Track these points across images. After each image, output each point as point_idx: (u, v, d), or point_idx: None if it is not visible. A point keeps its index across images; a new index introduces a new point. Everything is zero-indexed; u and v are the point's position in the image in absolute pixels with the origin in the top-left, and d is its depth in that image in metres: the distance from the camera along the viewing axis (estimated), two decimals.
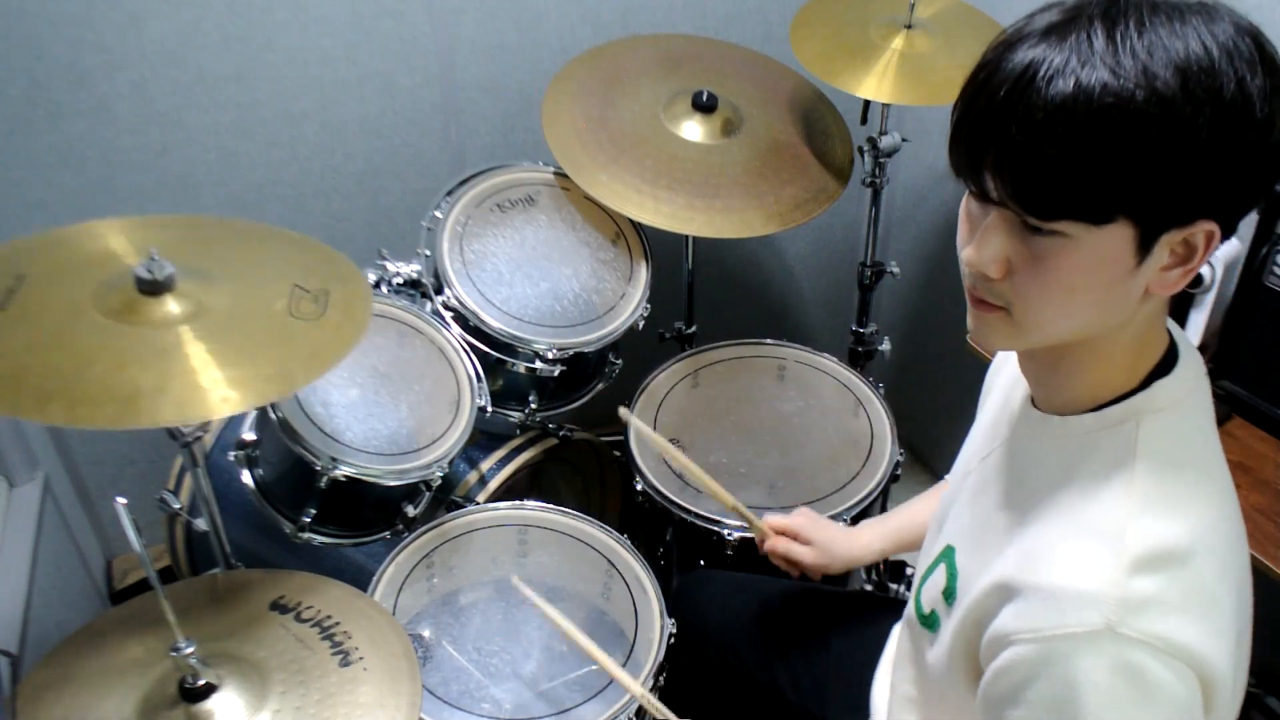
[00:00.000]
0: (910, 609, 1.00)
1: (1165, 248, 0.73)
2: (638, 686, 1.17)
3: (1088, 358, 0.81)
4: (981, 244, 0.76)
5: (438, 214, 1.62)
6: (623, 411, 1.42)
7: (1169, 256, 0.74)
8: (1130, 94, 0.66)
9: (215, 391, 1.02)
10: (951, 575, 0.91)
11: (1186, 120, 0.67)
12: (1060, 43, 0.69)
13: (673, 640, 1.33)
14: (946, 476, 1.28)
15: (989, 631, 0.80)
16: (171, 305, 1.08)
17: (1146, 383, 0.81)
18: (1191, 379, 0.83)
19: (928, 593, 0.95)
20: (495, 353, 1.57)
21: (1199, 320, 1.46)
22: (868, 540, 1.31)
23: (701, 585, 1.45)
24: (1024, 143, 0.69)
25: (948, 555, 0.93)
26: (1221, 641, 0.74)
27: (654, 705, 1.15)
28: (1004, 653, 0.77)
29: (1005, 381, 0.98)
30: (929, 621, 0.94)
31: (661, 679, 1.32)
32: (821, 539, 1.30)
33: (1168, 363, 0.83)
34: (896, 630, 1.21)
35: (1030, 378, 0.88)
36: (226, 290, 1.14)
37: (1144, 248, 0.72)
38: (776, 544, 1.32)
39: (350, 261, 1.29)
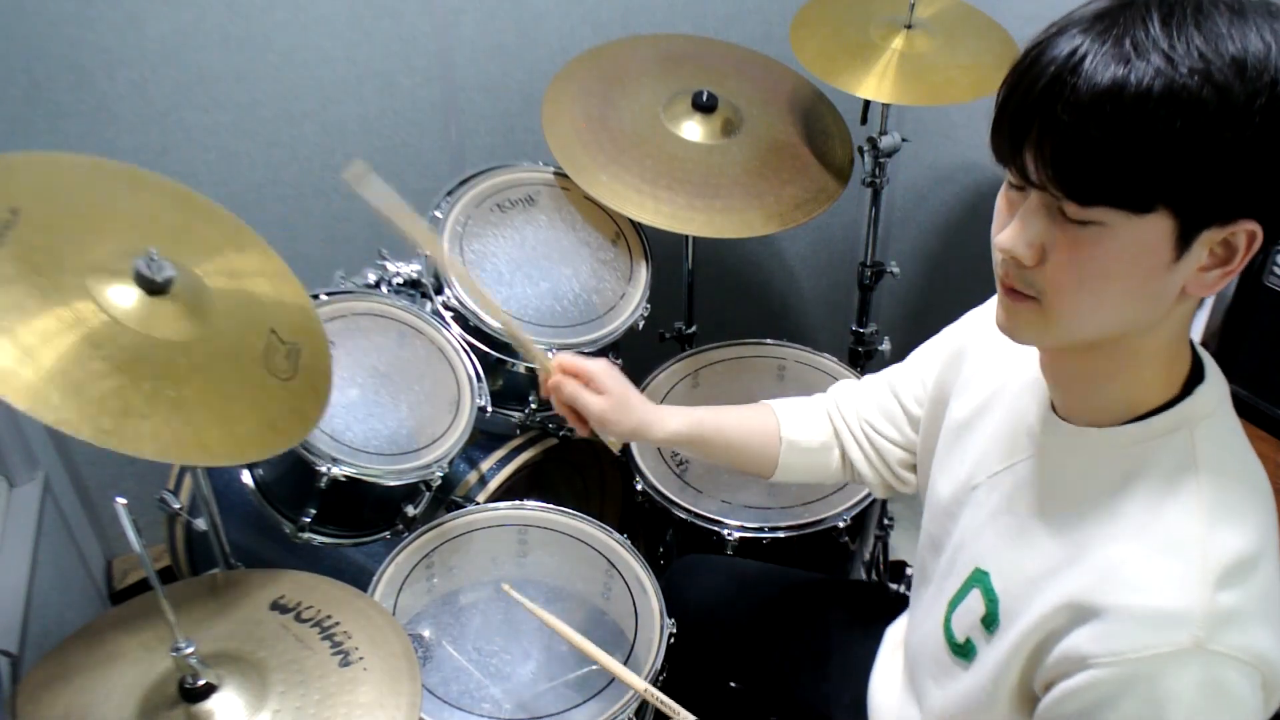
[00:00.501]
0: (938, 638, 0.96)
1: (1205, 246, 0.71)
2: (641, 682, 1.16)
3: (1123, 361, 0.79)
4: (1018, 229, 0.75)
5: (438, 214, 1.62)
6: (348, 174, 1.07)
7: (1208, 256, 0.72)
8: (1184, 80, 0.65)
9: (195, 437, 1.03)
10: (991, 601, 0.88)
11: (1239, 110, 0.66)
12: (1111, 28, 0.68)
13: (673, 640, 1.33)
14: (769, 402, 1.21)
15: (1056, 652, 0.78)
16: (168, 316, 1.08)
17: (1188, 389, 0.80)
18: (1221, 381, 0.82)
19: (961, 621, 0.92)
20: (495, 353, 1.57)
21: (1199, 320, 1.46)
22: (667, 413, 1.16)
23: (696, 570, 1.43)
24: (1069, 123, 0.68)
25: (981, 581, 0.90)
26: None
27: (658, 698, 1.15)
28: (1079, 674, 0.76)
29: (1007, 390, 0.96)
30: (963, 651, 0.92)
31: (661, 679, 1.32)
32: (617, 391, 1.13)
33: (1198, 368, 0.82)
34: (892, 635, 1.21)
35: (1059, 383, 0.86)
36: (217, 311, 1.14)
37: (1183, 243, 0.71)
38: (562, 384, 1.13)
39: (317, 319, 1.27)
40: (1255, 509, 0.77)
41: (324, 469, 1.33)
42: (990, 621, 0.88)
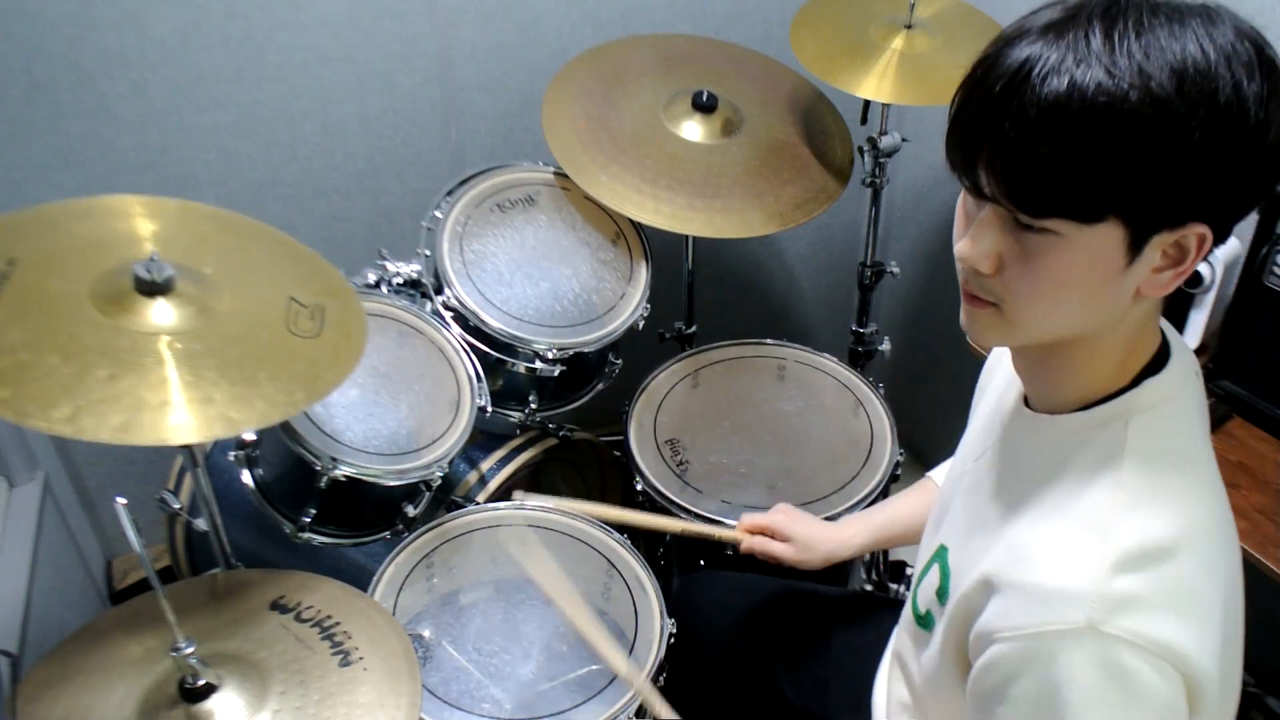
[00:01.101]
0: (908, 610, 1.00)
1: (1156, 249, 0.73)
2: (641, 679, 1.17)
3: (1080, 357, 0.81)
4: (974, 239, 0.76)
5: (438, 214, 1.62)
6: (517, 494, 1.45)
7: (1160, 258, 0.74)
8: (1124, 94, 0.66)
9: (218, 411, 1.02)
10: (945, 575, 0.91)
11: (1179, 122, 0.67)
12: (1058, 40, 0.69)
13: (673, 640, 1.34)
14: (930, 473, 1.29)
15: (975, 627, 0.80)
16: (171, 312, 1.08)
17: (1136, 382, 0.81)
18: (1181, 377, 0.83)
19: (924, 593, 0.95)
20: (495, 353, 1.56)
21: (1199, 320, 1.46)
22: (850, 534, 1.30)
23: (703, 586, 1.45)
24: (1017, 139, 0.69)
25: (941, 555, 0.93)
26: (1206, 640, 0.74)
27: (647, 691, 1.16)
28: (989, 649, 0.78)
29: (999, 383, 0.99)
30: (924, 621, 0.95)
31: (661, 679, 1.32)
32: (799, 534, 1.29)
33: (1158, 362, 0.83)
34: (895, 639, 1.21)
35: (1024, 376, 0.89)
36: (224, 297, 1.14)
37: (1135, 248, 0.72)
38: (754, 544, 1.31)
39: (341, 275, 1.29)
40: (1186, 501, 0.78)
41: (324, 469, 1.33)
42: (943, 594, 0.90)
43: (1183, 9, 0.70)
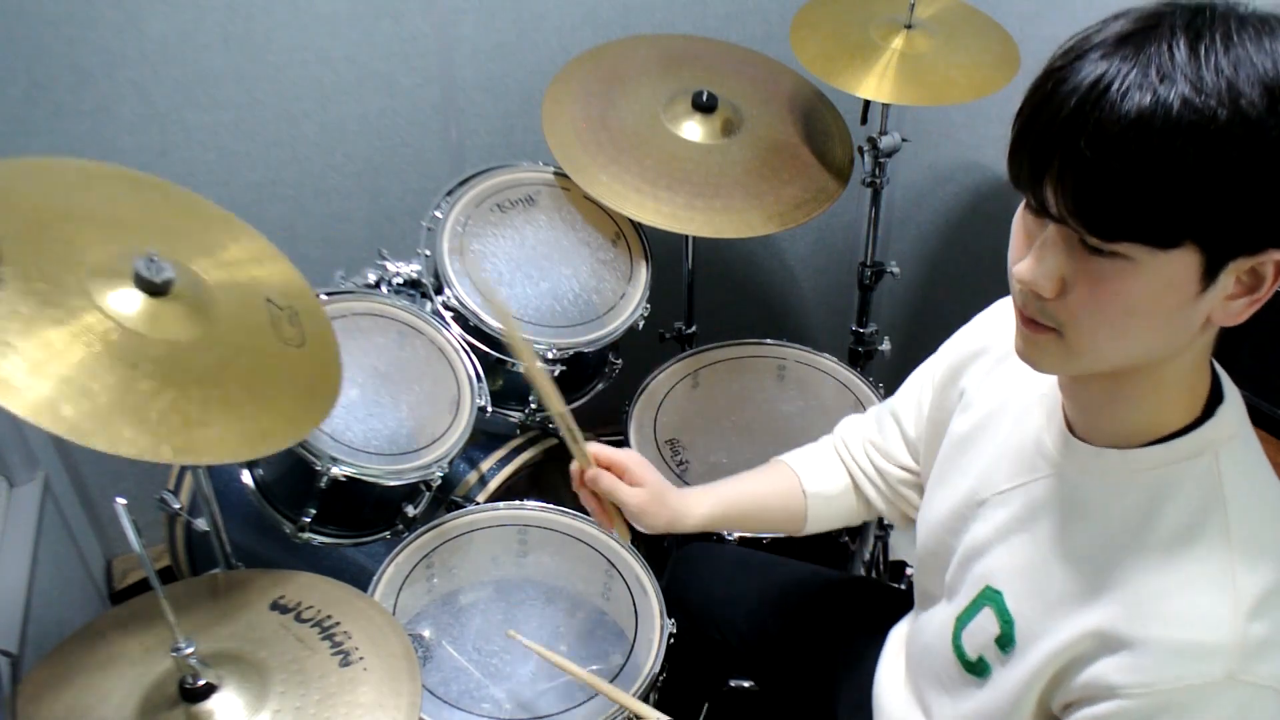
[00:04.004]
0: (946, 655, 0.95)
1: (1231, 275, 0.69)
2: (652, 712, 1.16)
3: (1147, 386, 0.77)
4: (1038, 260, 0.72)
5: (438, 214, 1.62)
6: None
7: (1235, 285, 0.70)
8: (1213, 112, 0.63)
9: (256, 428, 1.04)
10: (1006, 622, 0.87)
11: (1271, 142, 0.63)
12: (1137, 54, 0.65)
13: (673, 640, 1.33)
14: (781, 457, 1.22)
15: (1082, 678, 0.78)
16: (174, 318, 1.08)
17: (1209, 411, 0.79)
18: (1240, 402, 0.81)
19: (973, 639, 0.91)
20: (495, 353, 1.56)
21: None
22: (696, 500, 1.16)
23: (702, 559, 1.43)
24: (1093, 158, 0.65)
25: (994, 599, 0.89)
26: None
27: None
28: (1105, 703, 0.76)
29: (1013, 404, 0.94)
30: (976, 669, 0.91)
31: (661, 679, 1.32)
32: (652, 482, 1.12)
33: (1217, 388, 0.81)
34: (898, 633, 1.21)
35: (1078, 405, 0.84)
36: (219, 303, 1.14)
37: (1210, 275, 0.68)
38: (600, 477, 1.11)
39: (297, 274, 1.28)
40: None
41: (324, 469, 1.33)
42: (1005, 642, 0.87)
43: (1272, 21, 0.66)
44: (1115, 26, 0.68)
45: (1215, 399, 0.80)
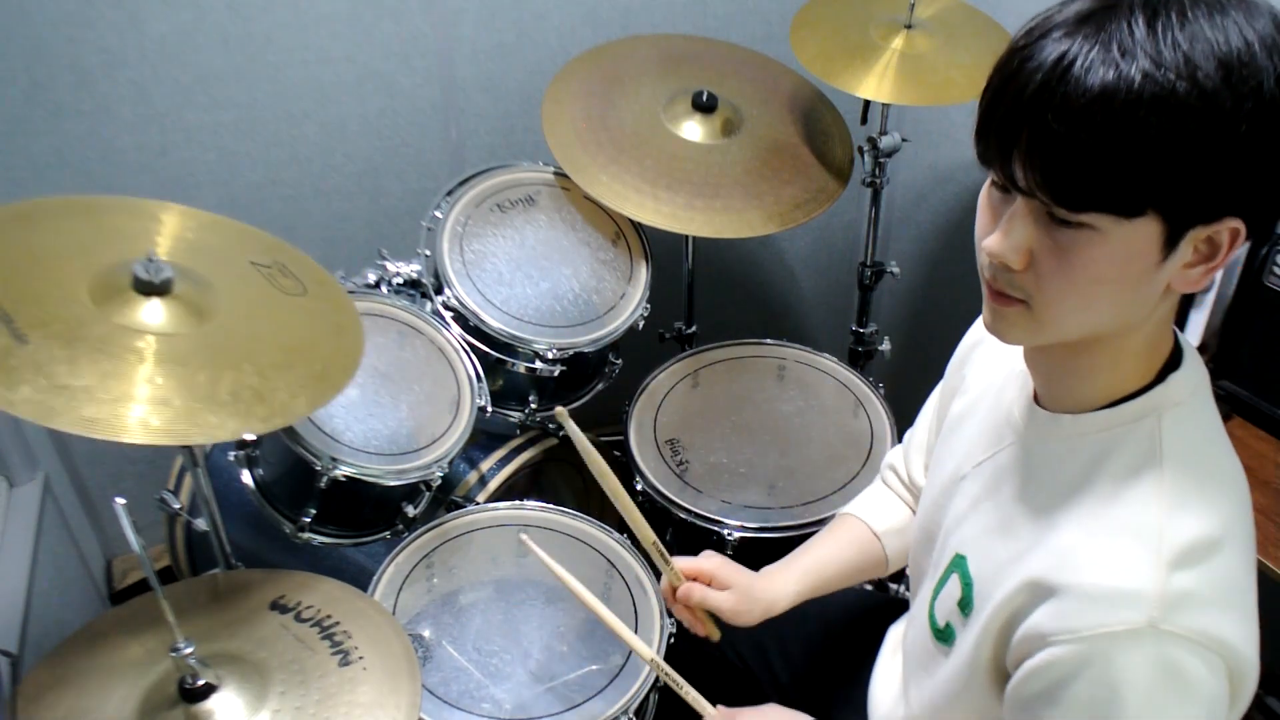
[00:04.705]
0: (922, 629, 0.97)
1: (1190, 244, 0.72)
2: (649, 650, 1.16)
3: (1106, 354, 0.80)
4: (1005, 233, 0.75)
5: (438, 214, 1.62)
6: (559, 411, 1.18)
7: (1193, 253, 0.73)
8: (1172, 85, 0.66)
9: (318, 376, 1.08)
10: (967, 585, 0.89)
11: (1227, 114, 0.66)
12: (1098, 32, 0.68)
13: (672, 641, 1.33)
14: (846, 509, 1.26)
15: (1021, 631, 0.79)
16: (188, 311, 1.09)
17: (1161, 377, 0.81)
18: (1198, 370, 0.83)
19: (942, 606, 0.93)
20: (495, 353, 1.57)
21: (1199, 320, 1.46)
22: (783, 582, 1.17)
23: None
24: (1060, 131, 0.68)
25: (959, 564, 0.91)
26: (1248, 629, 0.75)
27: (665, 671, 1.14)
28: (1040, 653, 0.77)
29: (994, 383, 0.97)
30: (944, 635, 0.93)
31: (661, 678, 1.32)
32: (740, 582, 1.14)
33: (1176, 356, 0.83)
34: (893, 636, 1.21)
35: (1040, 375, 0.87)
36: (214, 284, 1.14)
37: (1170, 243, 0.71)
38: (692, 591, 1.13)
39: (258, 232, 1.29)
40: (1220, 496, 0.78)
41: (324, 469, 1.33)
42: (966, 604, 0.89)
43: (1222, 0, 0.69)
44: (1076, 6, 0.71)
45: (1172, 366, 0.82)
